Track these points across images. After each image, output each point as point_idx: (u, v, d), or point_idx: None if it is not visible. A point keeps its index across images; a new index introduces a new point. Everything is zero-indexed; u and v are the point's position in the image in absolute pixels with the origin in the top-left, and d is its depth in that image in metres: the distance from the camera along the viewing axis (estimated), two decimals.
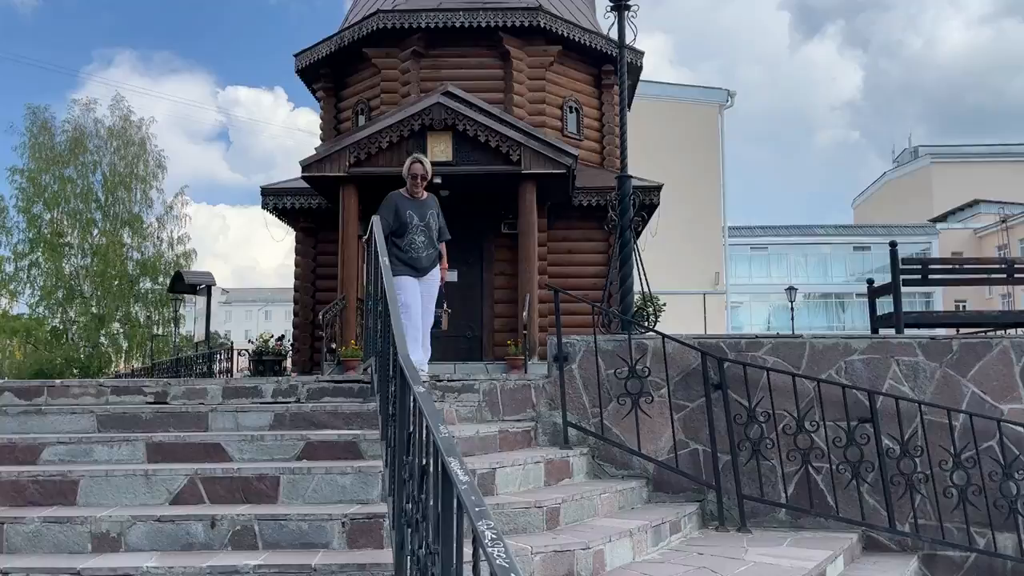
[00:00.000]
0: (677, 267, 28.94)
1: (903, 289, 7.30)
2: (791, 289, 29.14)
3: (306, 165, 11.67)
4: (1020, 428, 5.67)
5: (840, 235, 50.65)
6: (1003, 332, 8.35)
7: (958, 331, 8.38)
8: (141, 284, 31.56)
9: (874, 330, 7.50)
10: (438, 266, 6.60)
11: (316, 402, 5.75)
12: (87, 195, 30.51)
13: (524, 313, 10.99)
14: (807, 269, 49.23)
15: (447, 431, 2.46)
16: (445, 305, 6.76)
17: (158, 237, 32.11)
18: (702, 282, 30.94)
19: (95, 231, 30.74)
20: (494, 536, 1.66)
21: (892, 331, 6.88)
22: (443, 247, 6.68)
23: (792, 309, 29.92)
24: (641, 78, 17.19)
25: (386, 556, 3.79)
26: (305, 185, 12.48)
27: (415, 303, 6.26)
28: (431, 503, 2.52)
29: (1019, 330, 8.73)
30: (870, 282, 7.68)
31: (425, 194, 6.53)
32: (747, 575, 4.35)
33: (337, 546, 4.03)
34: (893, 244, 6.91)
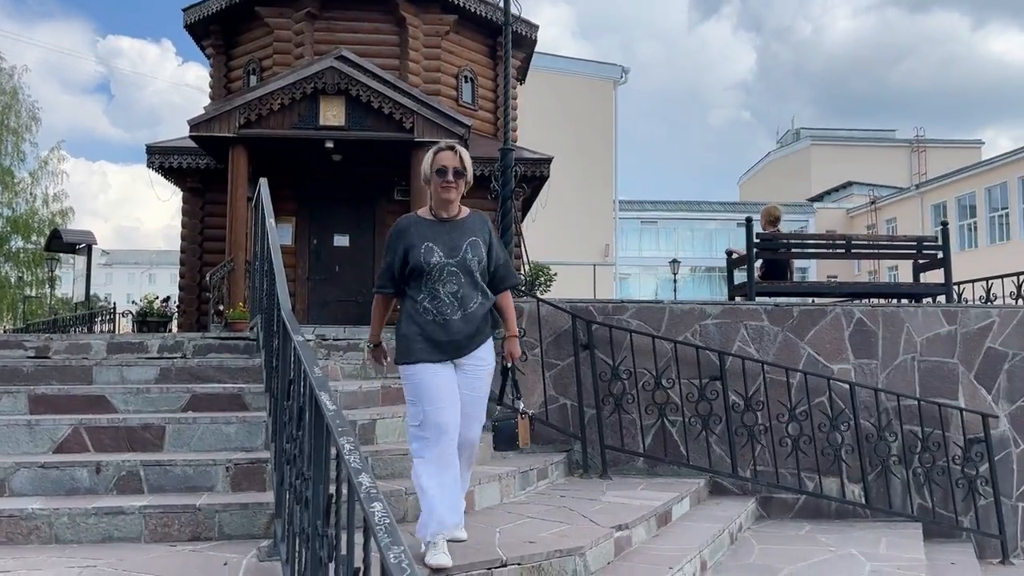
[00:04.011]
0: (569, 238, 29.78)
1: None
2: (675, 262, 30.46)
3: (194, 124, 11.50)
4: (846, 385, 6.42)
5: (726, 211, 52.82)
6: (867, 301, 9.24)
7: (812, 301, 9.21)
8: (12, 243, 29.89)
9: (731, 297, 8.21)
10: (490, 337, 3.78)
11: (202, 358, 5.92)
12: None
13: None
14: (694, 243, 51.18)
15: (320, 372, 2.78)
16: (521, 404, 4.22)
17: (31, 193, 30.38)
18: (593, 253, 31.90)
19: None
20: (351, 447, 2.00)
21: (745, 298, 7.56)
22: (506, 299, 3.89)
23: (675, 281, 31.30)
24: (539, 50, 17.56)
25: (268, 497, 4.07)
26: (193, 144, 12.29)
27: (446, 414, 3.54)
28: (306, 437, 2.84)
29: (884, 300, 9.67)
30: (728, 254, 8.39)
31: (464, 209, 3.79)
32: (600, 512, 4.86)
33: (221, 489, 4.29)
34: (749, 220, 7.59)
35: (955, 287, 8.51)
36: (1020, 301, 8.04)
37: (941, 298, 8.09)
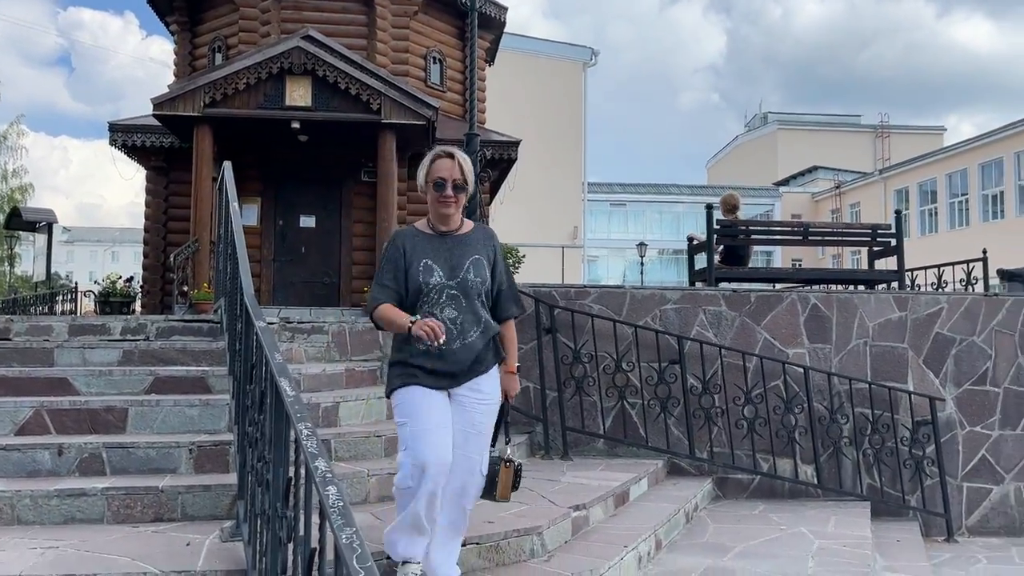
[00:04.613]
0: (537, 221, 29.86)
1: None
2: (642, 245, 30.73)
3: (158, 103, 11.35)
4: (800, 369, 6.61)
5: (694, 195, 53.23)
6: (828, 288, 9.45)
7: (774, 286, 9.41)
8: None
9: (691, 283, 8.37)
10: (496, 366, 3.40)
11: (166, 340, 5.93)
12: None
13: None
14: (662, 226, 51.57)
15: (281, 358, 2.84)
16: (509, 451, 3.56)
17: None
18: (561, 236, 32.04)
19: None
20: (309, 433, 2.08)
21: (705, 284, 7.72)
22: (509, 329, 3.50)
23: (643, 264, 31.59)
24: (509, 31, 17.53)
25: (231, 479, 4.12)
26: (157, 123, 12.14)
27: (433, 437, 3.14)
28: (267, 421, 2.91)
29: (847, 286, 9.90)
30: (689, 239, 8.54)
31: (466, 223, 3.44)
32: (559, 492, 4.99)
33: (184, 471, 4.33)
34: (709, 207, 7.73)
35: (908, 273, 8.75)
36: (969, 288, 8.29)
37: (896, 284, 8.33)
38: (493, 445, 3.48)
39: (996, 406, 6.99)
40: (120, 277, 13.06)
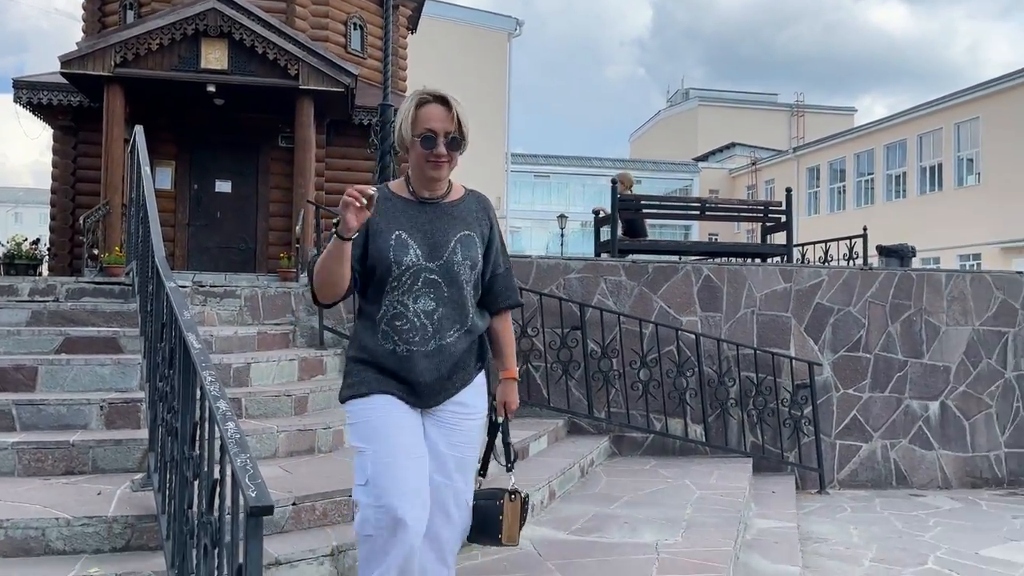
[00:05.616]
0: None
1: (668, 224, 8.62)
2: (562, 217, 31.30)
3: (66, 61, 11.07)
4: (692, 335, 7.09)
5: (616, 168, 54.15)
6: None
7: (680, 258, 9.92)
8: None
9: (597, 254, 8.80)
10: (480, 374, 2.67)
11: (76, 301, 5.98)
12: None
13: (298, 227, 11.35)
14: (585, 198, 52.33)
15: (190, 316, 3.05)
16: (513, 479, 2.87)
17: None
18: None
19: None
20: (212, 379, 2.32)
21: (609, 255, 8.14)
22: (506, 324, 2.79)
23: (563, 236, 32.16)
24: None
25: (142, 434, 4.28)
26: (66, 81, 11.83)
27: (413, 497, 2.39)
28: (177, 375, 3.12)
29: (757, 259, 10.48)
30: (595, 212, 8.95)
31: (456, 187, 2.65)
32: None
33: (95, 427, 4.47)
34: (614, 181, 8.14)
35: (798, 248, 9.37)
36: (850, 263, 8.95)
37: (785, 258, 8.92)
38: (483, 472, 2.76)
39: (868, 371, 7.65)
40: (26, 239, 12.71)
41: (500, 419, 2.81)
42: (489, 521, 2.67)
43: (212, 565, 2.14)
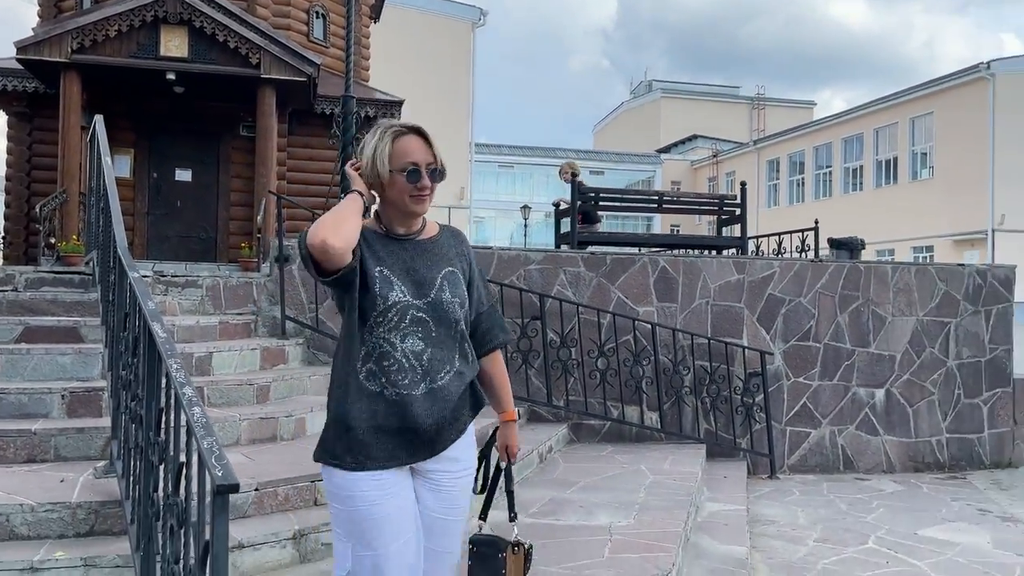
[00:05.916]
0: None
1: (630, 216, 8.79)
2: (526, 207, 31.42)
3: (21, 47, 10.89)
4: (649, 325, 7.28)
5: (580, 159, 54.28)
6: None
7: (639, 249, 10.11)
8: None
9: (557, 245, 8.94)
10: (471, 423, 2.43)
11: (35, 291, 5.96)
12: None
13: (259, 216, 11.33)
14: (548, 188, 52.52)
15: (154, 305, 3.12)
16: (516, 530, 2.65)
17: None
18: (447, 196, 32.25)
19: None
20: (178, 366, 2.41)
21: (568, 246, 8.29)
22: (498, 364, 2.56)
23: (526, 226, 32.30)
24: None
25: (104, 422, 4.34)
26: (20, 67, 11.63)
27: (392, 554, 2.21)
28: (141, 363, 3.19)
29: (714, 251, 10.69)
30: (556, 205, 9.10)
31: (430, 224, 2.45)
32: None
33: (57, 415, 4.51)
34: (575, 175, 8.28)
35: (753, 240, 9.61)
36: (802, 255, 9.21)
37: (740, 250, 9.15)
38: (484, 516, 2.63)
39: (817, 359, 7.91)
40: None
41: (504, 465, 2.63)
42: (489, 572, 2.54)
43: (179, 544, 2.23)
